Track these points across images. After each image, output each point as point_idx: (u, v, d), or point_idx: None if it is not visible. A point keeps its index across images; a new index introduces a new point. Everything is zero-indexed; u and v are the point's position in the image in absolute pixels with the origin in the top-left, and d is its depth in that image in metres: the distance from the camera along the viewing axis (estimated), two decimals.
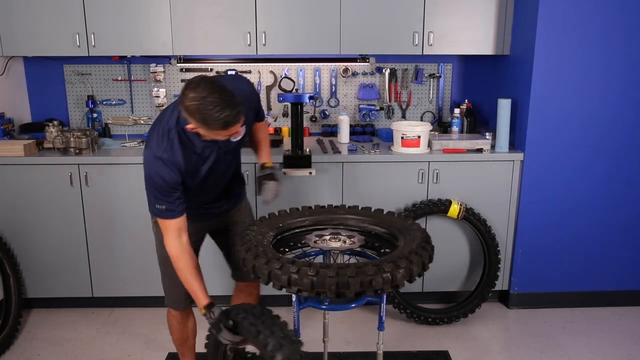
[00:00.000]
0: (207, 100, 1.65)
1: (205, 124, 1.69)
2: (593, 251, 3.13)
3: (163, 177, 1.83)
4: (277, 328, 1.64)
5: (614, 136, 2.96)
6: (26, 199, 2.95)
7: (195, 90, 1.67)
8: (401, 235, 1.94)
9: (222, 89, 1.69)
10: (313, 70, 3.50)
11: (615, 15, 2.79)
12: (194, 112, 1.68)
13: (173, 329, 2.31)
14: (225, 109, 1.67)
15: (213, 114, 1.66)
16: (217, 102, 1.65)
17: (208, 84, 1.68)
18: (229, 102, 1.68)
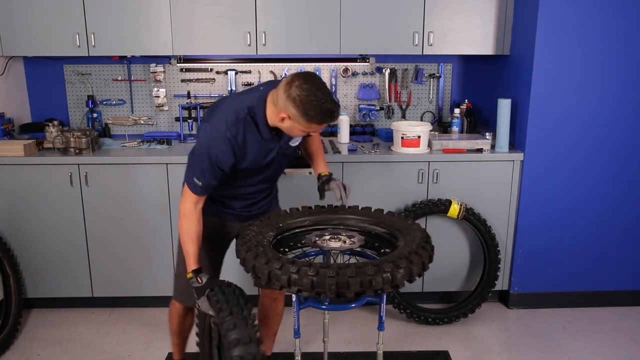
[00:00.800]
0: (316, 93, 1.72)
1: (305, 114, 1.74)
2: (593, 251, 3.13)
3: (217, 154, 1.84)
4: (238, 310, 1.73)
5: (614, 136, 2.96)
6: (26, 199, 2.95)
7: (303, 81, 1.73)
8: (401, 235, 1.94)
9: (326, 87, 1.78)
10: (313, 70, 3.50)
11: (615, 15, 2.79)
12: (298, 101, 1.73)
13: (172, 319, 2.35)
14: (333, 103, 1.76)
15: (322, 105, 1.73)
16: (324, 97, 1.73)
17: (316, 80, 1.76)
18: (333, 99, 1.77)
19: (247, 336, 1.67)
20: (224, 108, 1.88)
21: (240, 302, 1.80)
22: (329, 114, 1.77)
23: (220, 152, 1.84)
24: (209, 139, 1.85)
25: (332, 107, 1.75)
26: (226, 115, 1.85)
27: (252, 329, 1.71)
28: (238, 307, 1.78)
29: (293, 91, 1.73)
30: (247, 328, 1.69)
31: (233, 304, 1.78)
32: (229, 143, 1.84)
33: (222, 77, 3.49)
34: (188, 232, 1.95)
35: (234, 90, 3.48)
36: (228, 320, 1.71)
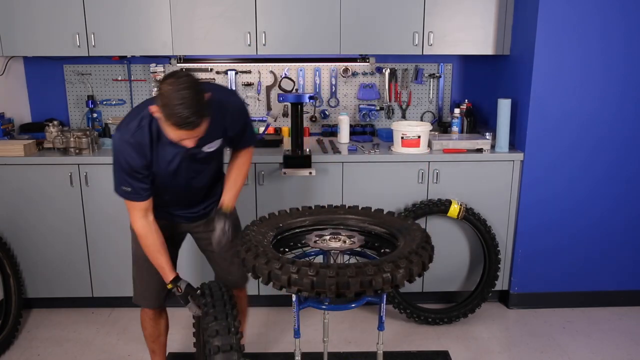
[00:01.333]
0: (179, 92, 1.64)
1: (164, 113, 1.67)
2: (593, 251, 3.13)
3: (128, 160, 1.85)
4: (222, 316, 1.79)
5: (614, 136, 2.96)
6: (26, 199, 2.95)
7: (176, 78, 1.67)
8: (401, 235, 1.94)
9: (198, 91, 1.67)
10: (313, 70, 3.50)
11: (615, 15, 2.79)
12: (161, 96, 1.67)
13: (145, 325, 2.35)
14: (188, 109, 1.64)
15: (175, 106, 1.64)
16: (186, 99, 1.64)
17: (189, 80, 1.68)
18: (196, 105, 1.66)
19: (228, 344, 1.74)
20: (131, 114, 1.89)
21: (226, 308, 1.85)
22: (181, 119, 1.65)
23: (129, 157, 1.84)
24: (116, 147, 1.86)
25: (185, 113, 1.63)
26: (130, 121, 1.85)
27: (235, 336, 1.77)
28: (223, 312, 1.83)
29: (163, 86, 1.67)
30: (228, 335, 1.76)
31: (219, 309, 1.83)
32: (134, 148, 1.84)
33: (222, 77, 3.49)
34: (152, 247, 1.98)
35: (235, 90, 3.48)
36: (211, 327, 1.77)
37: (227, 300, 1.89)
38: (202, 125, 1.72)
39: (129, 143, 1.83)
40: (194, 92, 1.66)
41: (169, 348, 2.68)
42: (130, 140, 1.83)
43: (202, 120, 1.70)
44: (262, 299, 3.17)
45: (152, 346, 2.41)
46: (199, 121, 1.69)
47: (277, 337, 2.89)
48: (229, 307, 1.85)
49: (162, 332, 2.38)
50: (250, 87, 3.51)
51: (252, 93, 3.52)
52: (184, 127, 1.68)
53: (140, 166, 1.86)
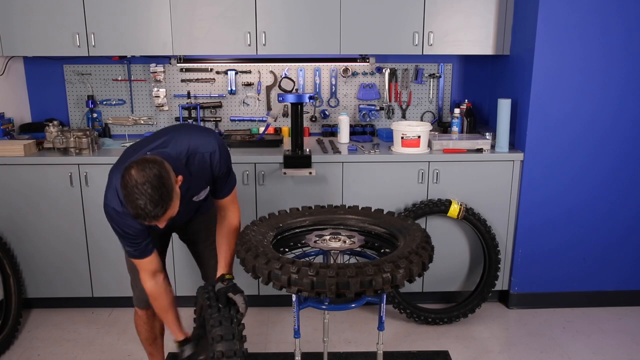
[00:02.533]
0: (138, 187, 1.56)
1: (126, 204, 1.61)
2: (593, 251, 3.13)
3: (124, 228, 1.82)
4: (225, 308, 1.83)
5: (614, 136, 2.96)
6: (26, 199, 2.95)
7: (137, 169, 1.58)
8: (401, 235, 1.94)
9: (160, 182, 1.58)
10: (313, 70, 3.50)
11: (615, 15, 2.79)
12: (123, 188, 1.60)
13: (140, 329, 2.33)
14: (150, 204, 1.57)
15: (136, 202, 1.57)
16: (146, 194, 1.56)
17: (152, 170, 1.58)
18: (158, 199, 1.58)
19: (231, 333, 1.75)
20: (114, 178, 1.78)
21: (229, 301, 1.87)
22: (144, 214, 1.57)
23: (125, 226, 1.81)
24: (111, 216, 1.81)
25: (150, 208, 1.56)
26: (117, 189, 1.74)
27: (237, 326, 1.79)
28: (226, 306, 1.85)
29: (124, 176, 1.59)
30: (231, 325, 1.78)
31: (222, 301, 1.86)
32: (126, 215, 1.75)
33: (222, 77, 3.49)
34: (162, 309, 2.01)
35: (234, 91, 3.48)
36: (214, 317, 1.78)
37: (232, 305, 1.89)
38: (167, 213, 1.63)
39: (118, 212, 1.79)
40: (152, 184, 1.57)
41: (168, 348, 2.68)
42: (119, 210, 1.78)
43: (164, 212, 1.61)
44: (262, 299, 3.17)
45: (149, 349, 2.41)
46: (162, 213, 1.61)
47: (277, 337, 2.89)
48: (234, 312, 1.85)
49: (157, 335, 2.38)
50: (250, 87, 3.51)
51: (252, 93, 3.52)
52: (148, 219, 1.61)
53: (137, 229, 1.82)
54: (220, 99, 3.51)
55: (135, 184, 1.56)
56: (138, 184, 1.56)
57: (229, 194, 2.04)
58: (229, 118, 3.54)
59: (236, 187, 2.08)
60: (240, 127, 3.56)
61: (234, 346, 1.74)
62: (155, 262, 1.94)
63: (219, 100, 3.51)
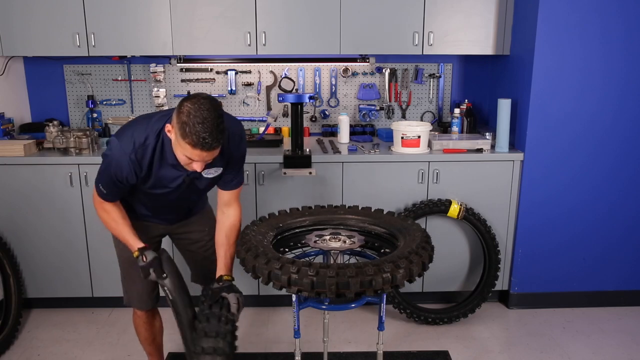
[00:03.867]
0: (201, 113, 1.62)
1: (181, 131, 1.64)
2: (593, 251, 3.13)
3: (120, 172, 1.83)
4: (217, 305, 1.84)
5: (614, 136, 2.96)
6: (26, 199, 2.95)
7: (201, 99, 1.65)
8: (401, 235, 1.94)
9: (218, 115, 1.66)
10: (313, 70, 3.50)
11: (615, 15, 2.79)
12: (181, 114, 1.64)
13: (139, 329, 2.33)
14: (207, 130, 1.62)
15: (195, 126, 1.61)
16: (207, 121, 1.62)
17: (213, 105, 1.66)
18: (216, 129, 1.64)
19: (215, 331, 1.76)
20: (136, 128, 1.83)
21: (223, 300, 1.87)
22: (200, 140, 1.62)
23: (120, 170, 1.82)
24: (114, 157, 1.82)
25: (205, 135, 1.62)
26: (135, 136, 1.80)
27: (224, 325, 1.79)
28: (216, 303, 1.86)
29: (185, 106, 1.65)
30: (218, 323, 1.78)
31: (214, 299, 1.87)
32: (131, 164, 1.81)
33: (222, 77, 3.49)
34: (113, 220, 1.96)
35: (234, 90, 3.48)
36: (204, 314, 1.80)
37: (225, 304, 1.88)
38: (216, 150, 1.69)
39: (129, 158, 1.80)
40: (215, 115, 1.64)
41: (167, 348, 2.69)
42: (131, 156, 1.80)
43: (217, 145, 1.68)
44: (262, 299, 3.17)
45: (149, 349, 2.41)
46: (216, 145, 1.67)
47: (277, 337, 2.89)
48: (225, 311, 1.84)
49: (156, 334, 2.38)
50: (250, 87, 3.51)
51: (252, 93, 3.52)
52: (200, 147, 1.64)
53: (126, 180, 1.84)
54: (220, 99, 3.51)
55: (197, 109, 1.62)
56: (199, 110, 1.62)
57: (237, 187, 2.03)
58: None
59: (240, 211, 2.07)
60: None
61: (216, 343, 1.74)
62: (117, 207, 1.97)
63: (219, 100, 3.50)
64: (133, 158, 1.80)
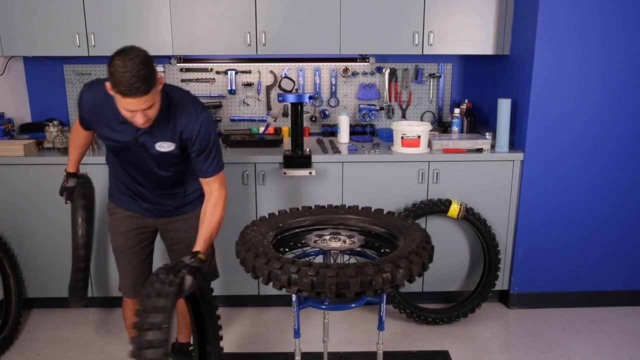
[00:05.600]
0: (126, 62, 1.73)
1: (112, 81, 1.78)
2: (593, 251, 3.13)
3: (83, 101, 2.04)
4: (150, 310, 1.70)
5: (614, 136, 2.96)
6: (26, 199, 2.95)
7: (128, 51, 1.78)
8: (401, 235, 1.94)
9: (146, 64, 1.76)
10: (313, 70, 3.50)
11: (615, 15, 2.79)
12: (110, 66, 1.77)
13: (126, 315, 2.40)
14: (134, 76, 1.71)
15: (123, 75, 1.72)
16: (133, 68, 1.72)
17: (139, 54, 1.77)
18: (143, 74, 1.73)
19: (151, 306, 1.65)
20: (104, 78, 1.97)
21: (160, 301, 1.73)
22: (128, 87, 1.72)
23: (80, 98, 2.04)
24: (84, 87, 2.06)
25: (133, 81, 1.71)
26: (99, 82, 2.01)
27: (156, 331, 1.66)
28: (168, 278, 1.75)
29: (113, 59, 1.77)
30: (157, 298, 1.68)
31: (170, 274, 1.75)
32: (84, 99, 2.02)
33: (222, 77, 3.49)
34: (74, 141, 2.27)
35: (234, 90, 3.48)
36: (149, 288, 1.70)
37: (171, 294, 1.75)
38: (149, 96, 1.76)
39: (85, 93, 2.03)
40: (140, 63, 1.74)
41: None
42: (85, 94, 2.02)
43: (148, 88, 1.74)
44: (262, 299, 3.17)
45: None
46: (144, 88, 1.73)
47: (277, 337, 2.89)
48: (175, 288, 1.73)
49: None
50: (250, 87, 3.51)
51: (252, 93, 3.52)
52: (130, 94, 1.73)
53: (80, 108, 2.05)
54: (220, 99, 3.51)
55: (123, 60, 1.74)
56: (125, 60, 1.73)
57: (214, 174, 2.05)
58: (229, 118, 3.55)
59: (223, 173, 2.10)
60: (240, 127, 3.56)
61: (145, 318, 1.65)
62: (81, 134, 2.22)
63: (218, 100, 3.51)
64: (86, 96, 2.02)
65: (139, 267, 2.29)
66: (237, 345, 2.82)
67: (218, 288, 2.95)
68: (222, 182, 2.09)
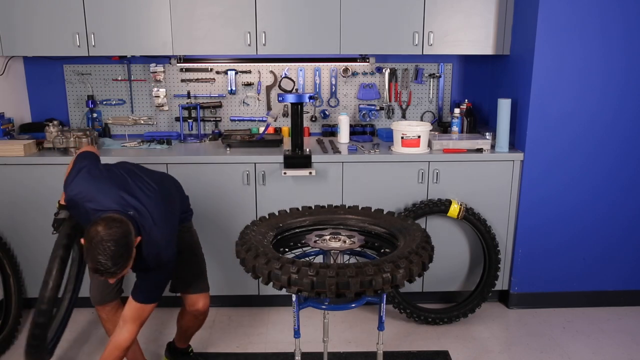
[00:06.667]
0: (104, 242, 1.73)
1: (85, 255, 1.77)
2: (593, 251, 3.13)
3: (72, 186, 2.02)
4: None
5: (614, 136, 2.96)
6: (26, 199, 2.95)
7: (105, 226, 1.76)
8: (401, 235, 1.94)
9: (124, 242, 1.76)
10: (313, 70, 3.50)
11: (615, 15, 2.79)
12: (87, 241, 1.75)
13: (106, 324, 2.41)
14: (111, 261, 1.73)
15: (96, 254, 1.73)
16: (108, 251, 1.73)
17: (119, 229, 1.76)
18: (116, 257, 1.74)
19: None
20: None
21: None
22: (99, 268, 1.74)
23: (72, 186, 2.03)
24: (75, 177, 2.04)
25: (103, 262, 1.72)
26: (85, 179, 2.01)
27: None
28: None
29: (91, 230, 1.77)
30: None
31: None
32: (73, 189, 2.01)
33: (222, 77, 3.49)
34: None
35: (234, 90, 3.48)
36: None
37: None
38: (118, 275, 1.79)
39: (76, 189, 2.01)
40: (117, 243, 1.74)
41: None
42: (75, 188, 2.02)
43: (118, 272, 1.77)
44: (262, 299, 3.17)
45: None
46: (115, 272, 1.76)
47: (277, 337, 2.89)
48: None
49: None
50: (250, 87, 3.51)
51: (252, 93, 3.52)
52: (100, 273, 1.76)
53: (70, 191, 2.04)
54: (220, 99, 3.51)
55: (101, 240, 1.72)
56: (103, 241, 1.72)
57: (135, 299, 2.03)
58: (229, 118, 3.55)
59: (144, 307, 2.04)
60: (240, 127, 3.56)
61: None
62: None
63: (218, 100, 3.51)
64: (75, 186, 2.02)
65: None
66: (237, 345, 2.82)
67: (218, 288, 2.95)
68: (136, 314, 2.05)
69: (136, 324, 2.04)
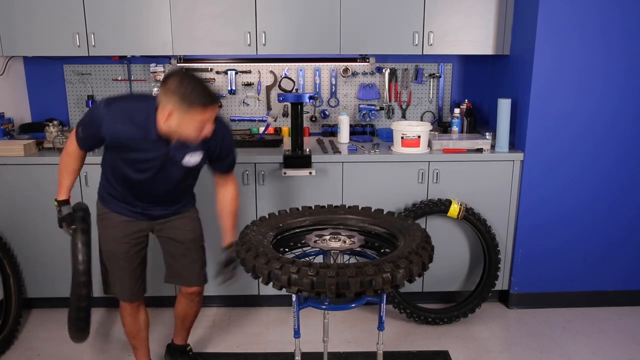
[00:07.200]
0: (190, 79, 1.83)
1: (186, 102, 1.81)
2: (593, 251, 3.13)
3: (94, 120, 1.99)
4: None
5: (614, 136, 2.96)
6: (26, 199, 2.95)
7: (180, 73, 1.86)
8: (401, 235, 1.94)
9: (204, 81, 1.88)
10: (313, 70, 3.50)
11: (615, 15, 2.79)
12: (177, 90, 1.81)
13: (124, 321, 2.37)
14: (208, 89, 1.86)
15: (196, 89, 1.81)
16: (201, 84, 1.85)
17: (192, 74, 1.88)
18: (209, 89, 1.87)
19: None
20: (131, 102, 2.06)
21: None
22: (208, 96, 1.84)
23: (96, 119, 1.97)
24: (101, 106, 1.98)
25: (209, 91, 1.85)
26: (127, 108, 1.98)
27: None
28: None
29: (170, 84, 1.83)
30: None
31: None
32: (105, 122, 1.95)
33: (222, 77, 3.49)
34: (68, 167, 2.13)
35: (234, 90, 3.48)
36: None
37: None
38: (219, 102, 1.94)
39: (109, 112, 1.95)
40: (198, 77, 1.88)
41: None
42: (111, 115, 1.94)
43: (218, 98, 1.92)
44: (261, 298, 3.17)
45: (134, 342, 2.44)
46: (218, 99, 1.90)
47: (277, 337, 2.90)
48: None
49: (142, 328, 2.40)
50: (250, 87, 3.51)
51: (252, 93, 3.52)
52: (212, 102, 1.85)
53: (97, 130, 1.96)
54: (220, 99, 3.51)
55: (189, 78, 1.83)
56: (190, 79, 1.83)
57: (232, 169, 2.23)
58: (229, 118, 3.55)
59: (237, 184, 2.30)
60: (240, 127, 3.56)
61: None
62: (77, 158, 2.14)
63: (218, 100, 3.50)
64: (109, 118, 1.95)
65: (136, 270, 2.26)
66: (237, 345, 2.82)
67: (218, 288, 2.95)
68: (234, 174, 2.27)
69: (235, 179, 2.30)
